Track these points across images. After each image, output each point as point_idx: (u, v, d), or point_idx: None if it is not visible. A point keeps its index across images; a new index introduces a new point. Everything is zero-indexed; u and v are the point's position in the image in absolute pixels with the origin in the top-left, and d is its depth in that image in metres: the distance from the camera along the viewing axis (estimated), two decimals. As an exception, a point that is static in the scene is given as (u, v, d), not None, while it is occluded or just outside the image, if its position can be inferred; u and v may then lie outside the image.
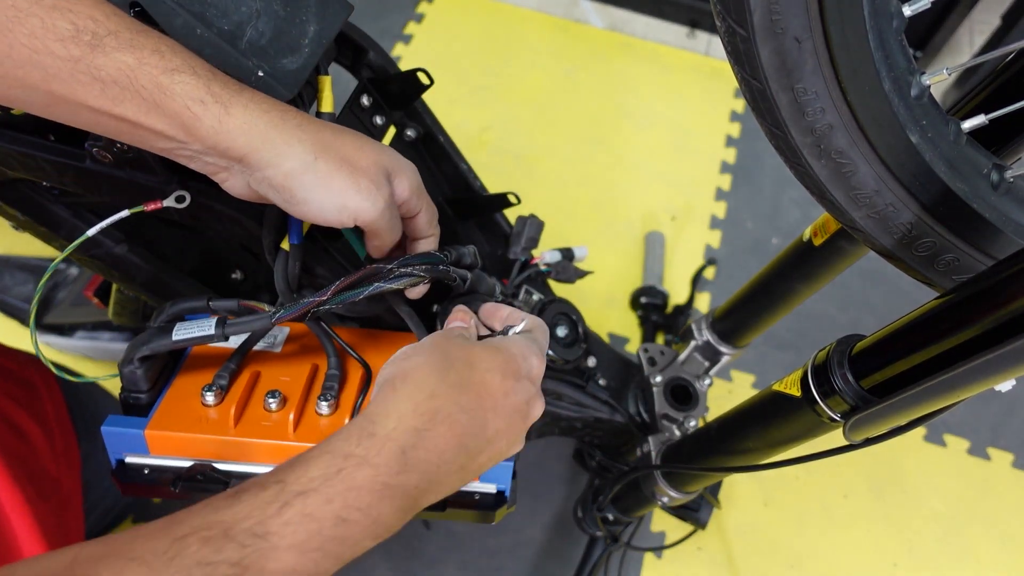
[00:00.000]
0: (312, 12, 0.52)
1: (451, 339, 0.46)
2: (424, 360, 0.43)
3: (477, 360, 0.44)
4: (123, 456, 0.51)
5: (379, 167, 0.46)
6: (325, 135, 0.44)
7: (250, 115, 0.41)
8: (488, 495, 0.53)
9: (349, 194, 0.44)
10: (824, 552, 1.12)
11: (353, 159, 0.45)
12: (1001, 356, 0.37)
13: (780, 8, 0.40)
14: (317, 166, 0.43)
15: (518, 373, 0.45)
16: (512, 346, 0.47)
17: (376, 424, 0.38)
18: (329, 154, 0.44)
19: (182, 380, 0.53)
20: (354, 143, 0.46)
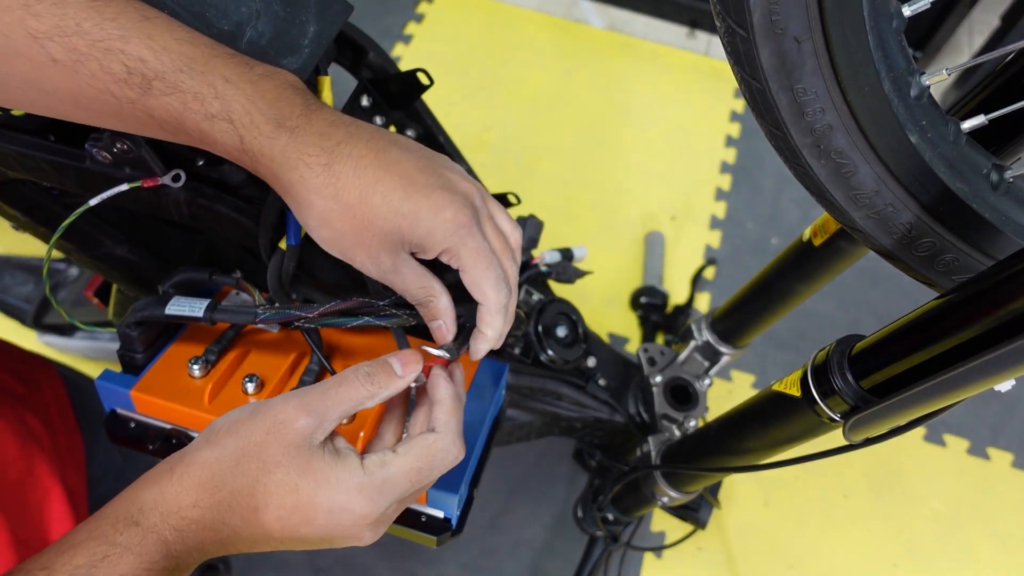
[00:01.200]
0: (312, 12, 0.52)
1: (267, 443, 0.39)
2: (212, 459, 0.39)
3: (261, 491, 0.39)
4: (115, 407, 0.55)
5: (389, 235, 0.43)
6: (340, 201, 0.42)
7: (275, 169, 0.42)
8: (435, 519, 0.53)
9: (356, 253, 0.44)
10: (824, 552, 1.12)
11: (357, 228, 0.43)
12: (1001, 356, 0.37)
13: (780, 8, 0.40)
14: (319, 232, 0.43)
15: (309, 521, 0.39)
16: (322, 494, 0.39)
17: (143, 514, 0.38)
18: (334, 222, 0.43)
19: (177, 347, 0.56)
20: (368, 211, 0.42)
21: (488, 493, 1.12)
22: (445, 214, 0.43)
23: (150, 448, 0.54)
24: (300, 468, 0.39)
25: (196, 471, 0.39)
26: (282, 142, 0.41)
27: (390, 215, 0.43)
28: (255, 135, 0.41)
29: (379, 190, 0.42)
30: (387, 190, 0.42)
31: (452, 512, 0.52)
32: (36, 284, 1.16)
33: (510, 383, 0.81)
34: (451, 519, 0.53)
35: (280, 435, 0.39)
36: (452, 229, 0.43)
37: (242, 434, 0.40)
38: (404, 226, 0.43)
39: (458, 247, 0.44)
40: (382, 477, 0.40)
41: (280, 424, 0.40)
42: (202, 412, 0.52)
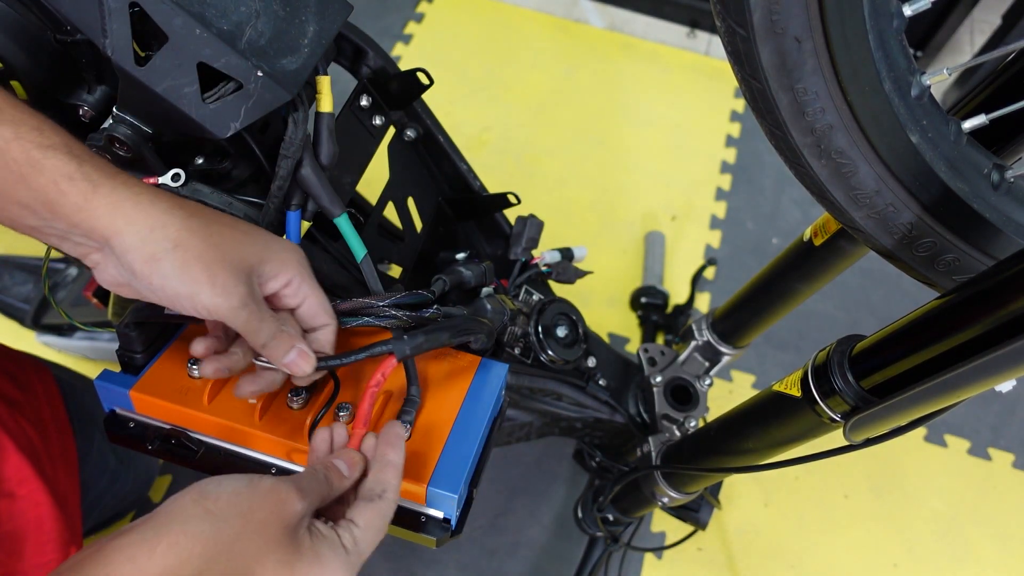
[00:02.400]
0: (312, 12, 0.52)
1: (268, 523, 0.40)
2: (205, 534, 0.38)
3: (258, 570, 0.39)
4: (114, 407, 0.55)
5: (241, 262, 0.44)
6: (194, 222, 0.43)
7: (118, 196, 0.40)
8: (434, 519, 0.53)
9: (203, 288, 0.42)
10: (824, 552, 1.12)
11: (215, 250, 0.43)
12: (1001, 356, 0.37)
13: (780, 8, 0.40)
14: (175, 255, 0.41)
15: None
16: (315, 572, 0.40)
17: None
18: (192, 243, 0.42)
19: (177, 348, 0.56)
20: (224, 233, 0.44)
21: (488, 493, 1.11)
22: (288, 244, 0.48)
23: (149, 448, 0.54)
24: (295, 549, 0.40)
25: (188, 544, 0.37)
26: (123, 177, 0.42)
27: (244, 235, 0.45)
28: (94, 166, 0.40)
29: (226, 218, 0.45)
30: (233, 220, 0.46)
31: (452, 512, 0.52)
32: (35, 284, 1.16)
33: (510, 383, 0.81)
34: (451, 519, 0.53)
35: (282, 515, 0.40)
36: (303, 258, 0.48)
37: (242, 509, 0.39)
38: (258, 246, 0.46)
39: (309, 276, 0.48)
40: (358, 552, 0.43)
41: (283, 504, 0.40)
42: (201, 412, 0.52)
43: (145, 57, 0.46)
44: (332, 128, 0.56)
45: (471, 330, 0.57)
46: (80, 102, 0.51)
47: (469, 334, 0.57)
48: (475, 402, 0.57)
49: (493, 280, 0.71)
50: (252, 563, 0.38)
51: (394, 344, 0.51)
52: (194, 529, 0.37)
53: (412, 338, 0.52)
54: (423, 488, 0.50)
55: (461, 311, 0.60)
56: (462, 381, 0.58)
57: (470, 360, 0.60)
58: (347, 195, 0.66)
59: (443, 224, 0.84)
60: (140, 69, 0.45)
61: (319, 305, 0.49)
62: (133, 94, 0.47)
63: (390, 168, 0.76)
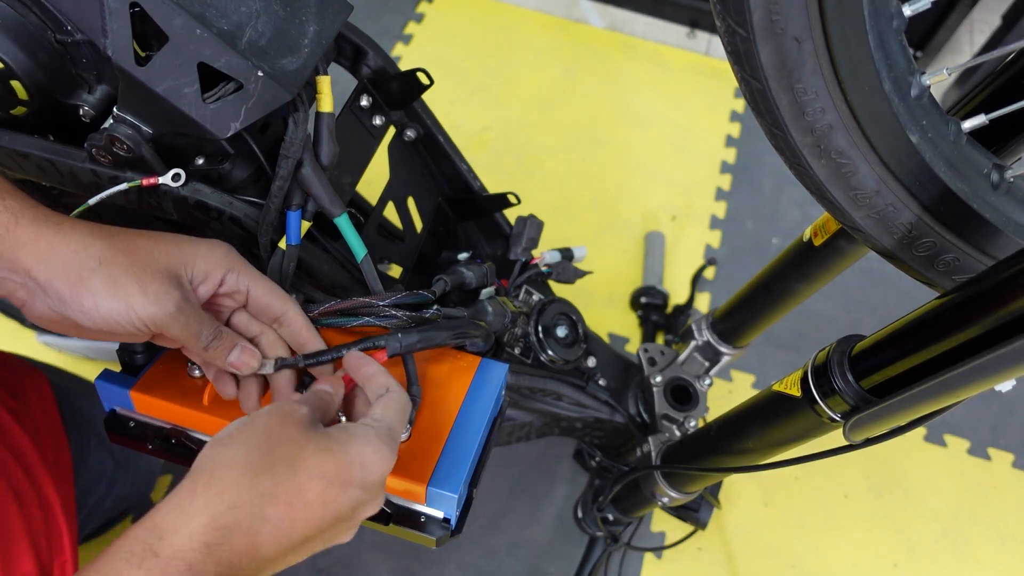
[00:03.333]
0: (312, 12, 0.52)
1: (286, 426, 0.41)
2: (240, 456, 0.39)
3: (302, 464, 0.40)
4: (114, 407, 0.55)
5: (170, 269, 0.44)
6: (116, 240, 0.43)
7: (38, 226, 0.41)
8: (434, 519, 0.53)
9: (136, 299, 0.42)
10: (824, 552, 1.12)
11: (142, 262, 0.43)
12: (1001, 356, 0.37)
13: (780, 8, 0.40)
14: (103, 271, 0.42)
15: (348, 481, 0.41)
16: (353, 447, 0.42)
17: (163, 540, 0.36)
18: (117, 259, 0.43)
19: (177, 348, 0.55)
20: (146, 244, 0.45)
21: (488, 493, 1.11)
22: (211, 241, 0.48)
23: (149, 448, 0.54)
24: (323, 437, 0.41)
25: (226, 472, 0.38)
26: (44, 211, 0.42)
27: (167, 242, 0.46)
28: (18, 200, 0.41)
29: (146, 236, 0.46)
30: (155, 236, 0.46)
31: (451, 512, 0.52)
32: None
33: (510, 383, 0.81)
34: (451, 519, 0.53)
35: (294, 419, 0.41)
36: (229, 250, 0.48)
37: (259, 427, 0.40)
38: (183, 248, 0.46)
39: (243, 265, 0.48)
40: (386, 425, 0.44)
41: (290, 412, 0.42)
42: (201, 412, 0.52)
43: (145, 57, 0.46)
44: (332, 128, 0.56)
45: (468, 333, 0.57)
46: (80, 102, 0.51)
47: (465, 337, 0.57)
48: (475, 402, 0.57)
49: (494, 281, 0.71)
50: (294, 460, 0.39)
51: (387, 339, 0.51)
52: (225, 459, 0.39)
53: (406, 335, 0.52)
54: (423, 488, 0.50)
55: (461, 312, 0.60)
56: (462, 381, 0.58)
57: (470, 360, 0.60)
58: (347, 195, 0.66)
59: (443, 224, 0.84)
60: (140, 69, 0.45)
61: (266, 293, 0.49)
62: (133, 94, 0.47)
63: (390, 168, 0.76)
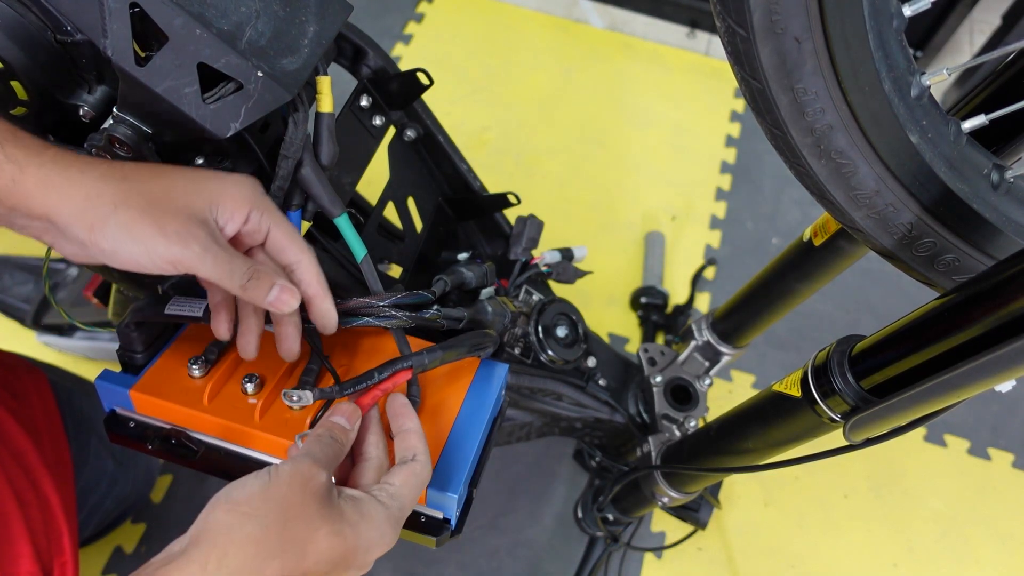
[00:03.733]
0: (312, 12, 0.52)
1: (305, 499, 0.40)
2: (255, 533, 0.37)
3: (312, 547, 0.39)
4: (114, 407, 0.55)
5: (191, 208, 0.43)
6: (130, 183, 0.42)
7: (46, 173, 0.40)
8: (434, 519, 0.53)
9: (156, 241, 0.41)
10: (824, 552, 1.12)
11: (161, 203, 0.42)
12: (1001, 356, 0.37)
13: (780, 8, 0.40)
14: (118, 215, 0.40)
15: (350, 564, 0.41)
16: (363, 531, 0.41)
17: None
18: (132, 201, 0.41)
19: (177, 347, 0.56)
20: (165, 184, 0.43)
21: (488, 493, 1.11)
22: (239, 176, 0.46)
23: (149, 448, 0.54)
24: (339, 516, 0.41)
25: (239, 552, 0.37)
26: (51, 152, 0.40)
27: (189, 178, 0.44)
28: (19, 146, 0.39)
29: (167, 168, 0.44)
30: (175, 167, 0.45)
31: (452, 512, 0.52)
32: (36, 284, 1.16)
33: (510, 383, 0.81)
34: (451, 519, 0.53)
35: (314, 492, 0.40)
36: (255, 188, 0.46)
37: (278, 500, 0.39)
38: (207, 185, 0.44)
39: (268, 205, 0.47)
40: (398, 505, 0.44)
41: (309, 481, 0.41)
42: (202, 412, 0.52)
43: (145, 57, 0.46)
44: (332, 128, 0.56)
45: (482, 344, 0.58)
46: (80, 102, 0.51)
47: (480, 349, 0.58)
48: (475, 402, 0.57)
49: (494, 281, 0.71)
50: (305, 544, 0.39)
51: (414, 358, 0.51)
52: (240, 535, 0.37)
53: (431, 353, 0.52)
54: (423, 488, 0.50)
55: (462, 312, 0.60)
56: (462, 381, 0.58)
57: (470, 360, 0.60)
58: (347, 195, 0.66)
59: (443, 224, 0.84)
60: (140, 69, 0.45)
61: (286, 236, 0.48)
62: (133, 94, 0.47)
63: (390, 168, 0.76)
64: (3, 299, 1.16)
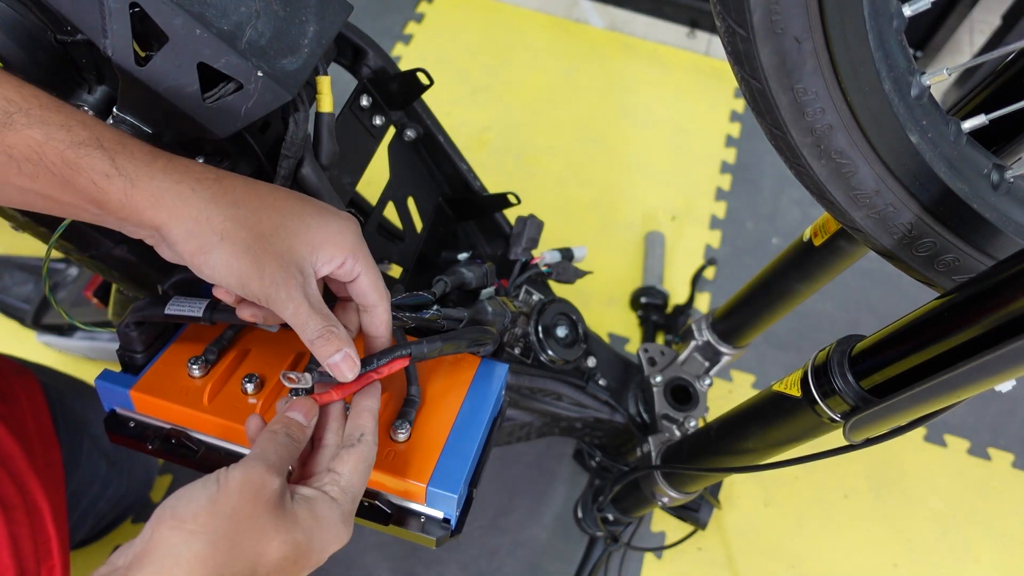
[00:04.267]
0: (312, 12, 0.52)
1: (256, 509, 0.39)
2: (202, 552, 0.37)
3: (264, 559, 0.39)
4: (114, 407, 0.55)
5: (293, 253, 0.43)
6: (240, 211, 0.42)
7: (156, 188, 0.40)
8: (434, 519, 0.53)
9: (251, 278, 0.42)
10: (824, 552, 1.12)
11: (265, 241, 0.42)
12: (1001, 356, 0.37)
13: (780, 8, 0.40)
14: (223, 248, 0.41)
15: (304, 566, 0.41)
16: (317, 534, 0.41)
17: None
18: (238, 235, 0.41)
19: (177, 347, 0.56)
20: (274, 220, 0.43)
21: (488, 493, 1.11)
22: (342, 218, 0.47)
23: (149, 447, 0.54)
24: (292, 523, 0.40)
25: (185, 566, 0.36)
26: (161, 163, 0.41)
27: (297, 216, 0.44)
28: (128, 157, 0.39)
29: (278, 196, 0.44)
30: (285, 196, 0.44)
31: (451, 512, 0.52)
32: (36, 284, 1.16)
33: (510, 383, 0.81)
34: (450, 519, 0.53)
35: (266, 501, 0.40)
36: (356, 235, 0.47)
37: (226, 512, 0.38)
38: (313, 227, 0.44)
39: (363, 252, 0.47)
40: (348, 498, 0.44)
41: (261, 489, 0.40)
42: (201, 412, 0.52)
43: (145, 57, 0.46)
44: (332, 128, 0.57)
45: (481, 340, 0.57)
46: (80, 102, 0.51)
47: (480, 344, 0.57)
48: (475, 402, 0.57)
49: (495, 281, 0.71)
50: (257, 557, 0.38)
51: (414, 347, 0.51)
52: (187, 555, 0.36)
53: (431, 342, 0.52)
54: (423, 488, 0.50)
55: (462, 312, 0.60)
56: (462, 381, 0.58)
57: (470, 360, 0.60)
58: (347, 195, 0.66)
59: (443, 224, 0.84)
60: (140, 69, 0.45)
61: (370, 284, 0.48)
62: (133, 94, 0.47)
63: (390, 168, 0.76)
64: (3, 299, 1.16)
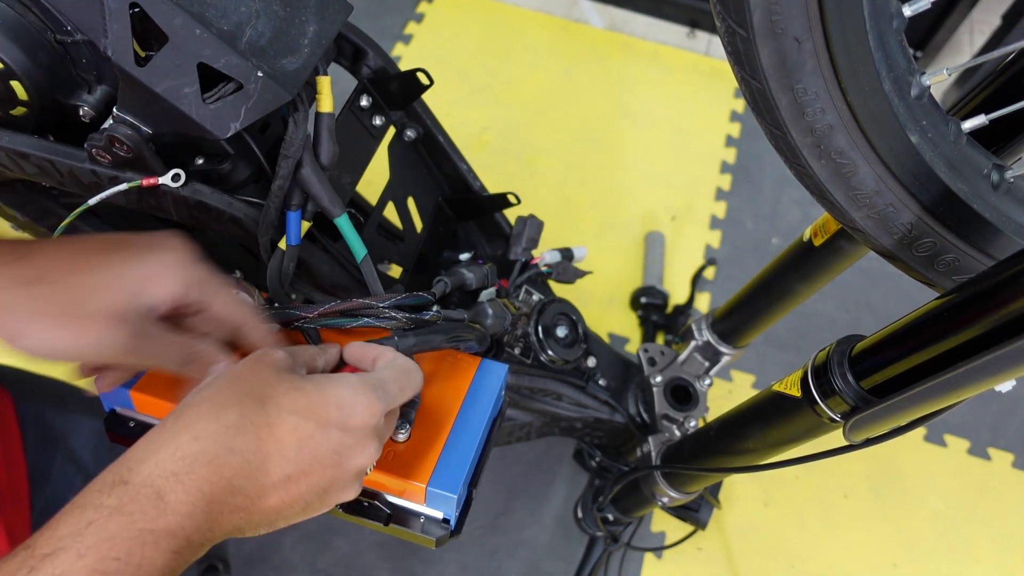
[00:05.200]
0: (312, 12, 0.52)
1: (258, 369, 0.41)
2: (208, 395, 0.39)
3: (271, 400, 0.39)
4: (114, 407, 0.55)
5: (111, 308, 0.41)
6: (45, 287, 0.40)
7: None
8: (434, 519, 0.53)
9: (78, 347, 0.41)
10: (824, 552, 1.12)
11: (76, 307, 0.41)
12: (1001, 356, 0.36)
13: (780, 8, 0.40)
14: (34, 328, 0.40)
15: (325, 421, 0.40)
16: (331, 389, 0.41)
17: (132, 471, 0.36)
18: (46, 311, 0.40)
19: None
20: (83, 282, 0.41)
21: (488, 493, 1.11)
22: (172, 249, 0.44)
23: None
24: (297, 378, 0.41)
25: (193, 409, 0.38)
26: None
27: (111, 268, 0.42)
28: None
29: (90, 252, 0.43)
30: (99, 248, 0.43)
31: (451, 512, 0.52)
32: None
33: (510, 383, 0.81)
34: (450, 519, 0.53)
35: (267, 362, 0.41)
36: (185, 267, 0.44)
37: (231, 371, 0.41)
38: (133, 272, 0.43)
39: (206, 276, 0.45)
40: (375, 376, 0.44)
41: (263, 355, 0.42)
42: None
43: (145, 57, 0.46)
44: (332, 128, 0.56)
45: (462, 336, 0.57)
46: (80, 102, 0.51)
47: (460, 340, 0.57)
48: (475, 402, 0.57)
49: (495, 282, 0.71)
50: (262, 396, 0.39)
51: (385, 342, 0.51)
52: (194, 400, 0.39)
53: (403, 339, 0.52)
54: (423, 488, 0.50)
55: (462, 314, 0.60)
56: (462, 381, 0.58)
57: (470, 360, 0.60)
58: (347, 195, 0.66)
59: (443, 224, 0.84)
60: (140, 69, 0.45)
61: (223, 310, 0.47)
62: (133, 94, 0.47)
63: (390, 168, 0.76)
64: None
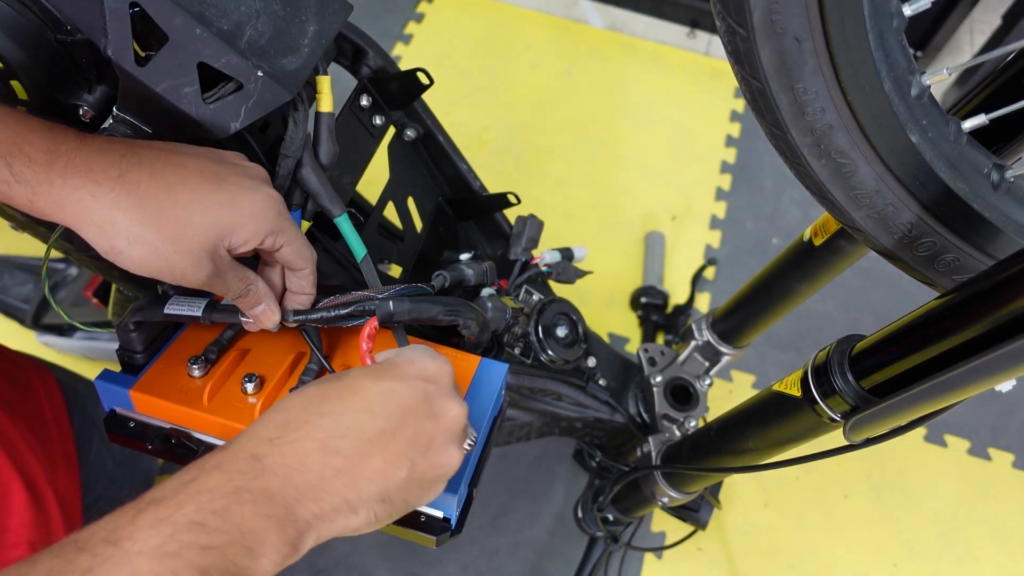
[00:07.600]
0: (312, 12, 0.52)
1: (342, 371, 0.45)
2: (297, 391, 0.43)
3: (348, 374, 0.43)
4: (114, 407, 0.55)
5: (202, 244, 0.44)
6: (146, 209, 0.42)
7: (56, 196, 0.40)
8: (434, 519, 0.53)
9: (164, 272, 0.43)
10: (824, 552, 1.12)
11: (173, 239, 0.43)
12: (1001, 356, 0.37)
13: (780, 8, 0.40)
14: (132, 251, 0.42)
15: (402, 375, 0.43)
16: (396, 355, 0.46)
17: (232, 443, 0.39)
18: (146, 236, 0.42)
19: (177, 346, 0.56)
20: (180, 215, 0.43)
21: (488, 493, 1.11)
22: (259, 197, 0.46)
23: (149, 447, 0.54)
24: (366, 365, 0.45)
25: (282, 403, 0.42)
26: (60, 165, 0.40)
27: (206, 208, 0.44)
28: (25, 163, 0.39)
29: (186, 187, 0.44)
30: (195, 184, 0.44)
31: (451, 512, 0.52)
32: (35, 284, 1.16)
33: (510, 383, 0.81)
34: (450, 519, 0.53)
35: None
36: (276, 210, 0.47)
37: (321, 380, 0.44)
38: (224, 216, 0.44)
39: (284, 226, 0.48)
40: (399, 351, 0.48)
41: None
42: (201, 412, 0.52)
43: (145, 57, 0.46)
44: (332, 128, 0.56)
45: (461, 312, 0.55)
46: (80, 102, 0.51)
47: (458, 315, 0.55)
48: (475, 402, 0.57)
49: (494, 280, 0.71)
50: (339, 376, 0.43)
51: (378, 305, 0.51)
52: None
53: (398, 303, 0.52)
54: None
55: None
56: (462, 381, 0.58)
57: (470, 360, 0.60)
58: (347, 195, 0.66)
59: (443, 224, 0.84)
60: (140, 69, 0.45)
61: (294, 254, 0.50)
62: (133, 94, 0.47)
63: (390, 168, 0.76)
64: (3, 299, 1.16)
